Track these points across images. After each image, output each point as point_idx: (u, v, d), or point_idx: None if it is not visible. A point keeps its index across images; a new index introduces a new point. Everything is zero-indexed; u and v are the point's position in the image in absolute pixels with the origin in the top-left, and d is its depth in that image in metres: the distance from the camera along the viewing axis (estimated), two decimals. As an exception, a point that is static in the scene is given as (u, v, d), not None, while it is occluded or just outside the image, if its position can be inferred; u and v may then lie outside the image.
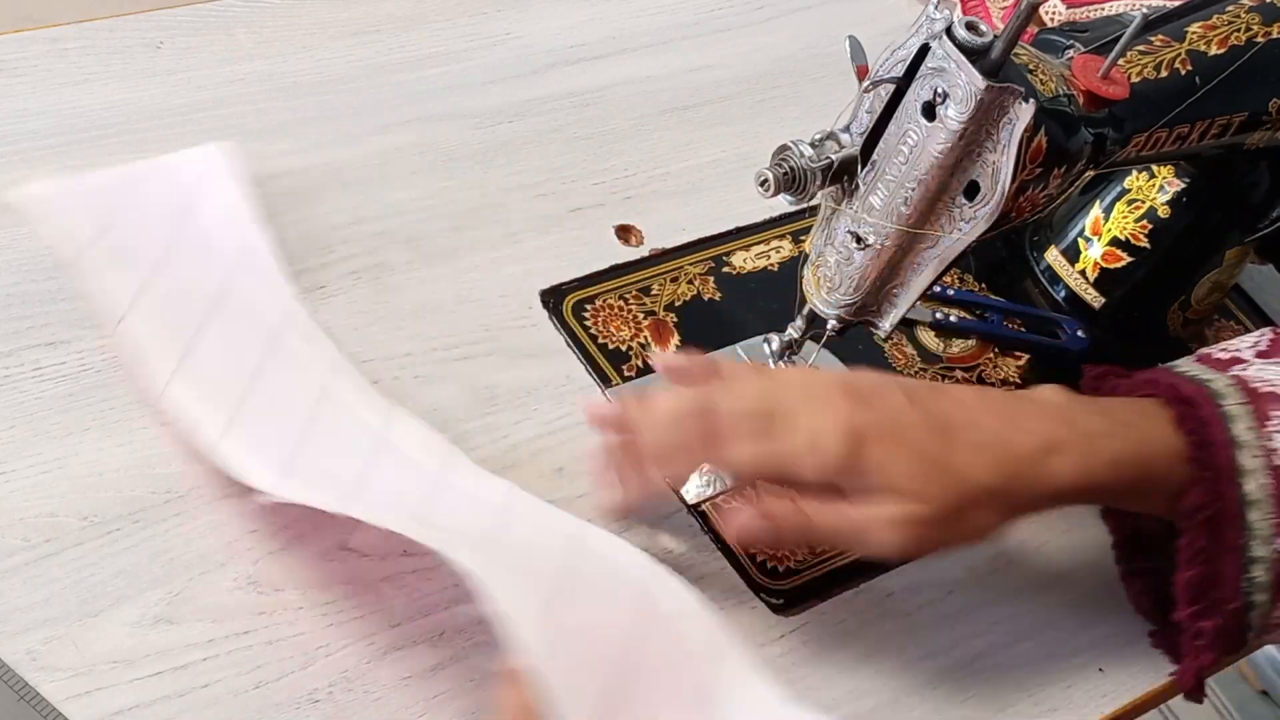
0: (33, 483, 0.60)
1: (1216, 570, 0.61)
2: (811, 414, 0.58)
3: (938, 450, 0.58)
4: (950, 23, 0.56)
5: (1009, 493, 0.59)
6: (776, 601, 0.65)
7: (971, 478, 0.58)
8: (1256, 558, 0.60)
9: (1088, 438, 0.60)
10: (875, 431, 0.58)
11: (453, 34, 0.88)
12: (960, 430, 0.59)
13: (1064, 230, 0.82)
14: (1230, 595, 0.61)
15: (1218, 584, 0.61)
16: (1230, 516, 0.61)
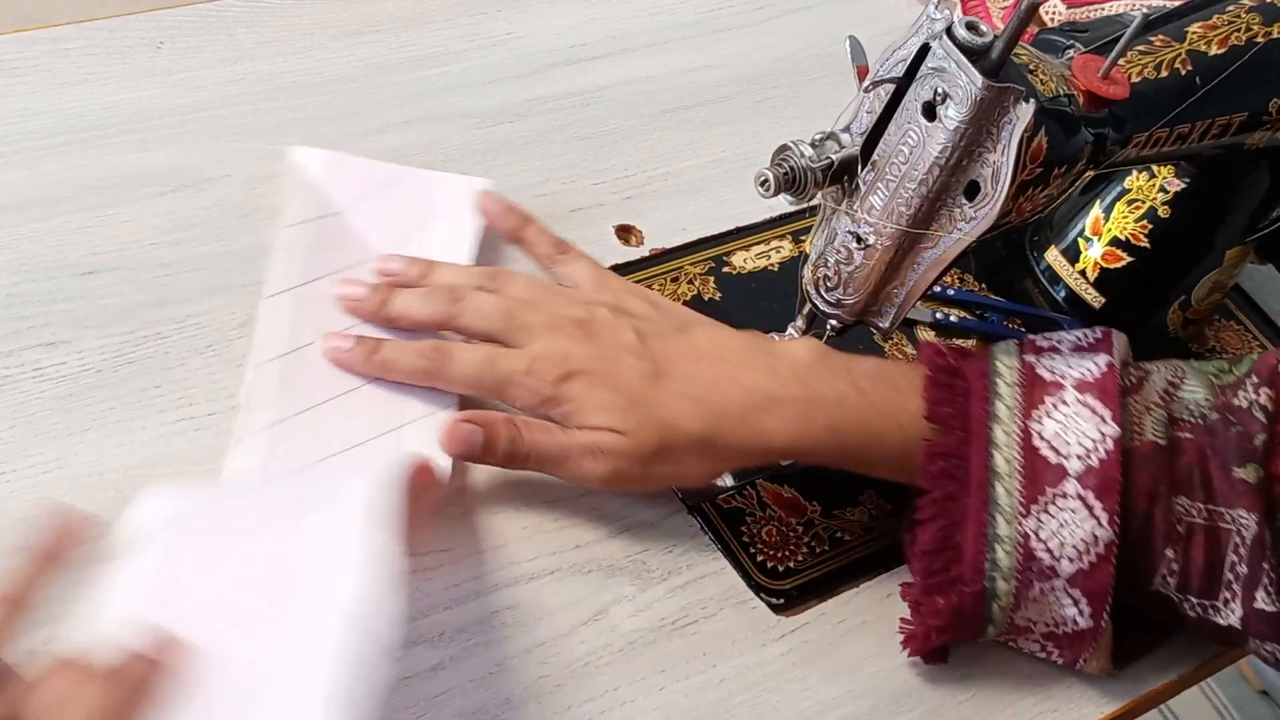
0: (33, 483, 0.61)
1: (954, 539, 0.61)
2: (540, 339, 0.63)
3: (644, 392, 0.62)
4: (950, 23, 0.56)
5: (711, 442, 0.62)
6: (776, 601, 0.65)
7: (674, 423, 0.61)
8: (1000, 536, 0.60)
9: (812, 402, 0.62)
10: (587, 366, 0.62)
11: (453, 34, 0.88)
12: (675, 378, 0.63)
13: (1064, 230, 0.82)
14: (970, 575, 0.60)
15: (956, 558, 0.61)
16: (975, 484, 0.60)
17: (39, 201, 0.71)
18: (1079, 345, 0.66)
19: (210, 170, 0.75)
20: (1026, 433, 0.61)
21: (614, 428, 0.61)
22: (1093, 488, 0.59)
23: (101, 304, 0.68)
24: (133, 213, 0.72)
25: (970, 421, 0.61)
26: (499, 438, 0.62)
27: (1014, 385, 0.62)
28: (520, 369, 0.62)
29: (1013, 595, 0.60)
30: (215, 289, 0.70)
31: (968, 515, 0.60)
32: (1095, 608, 0.60)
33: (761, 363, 0.64)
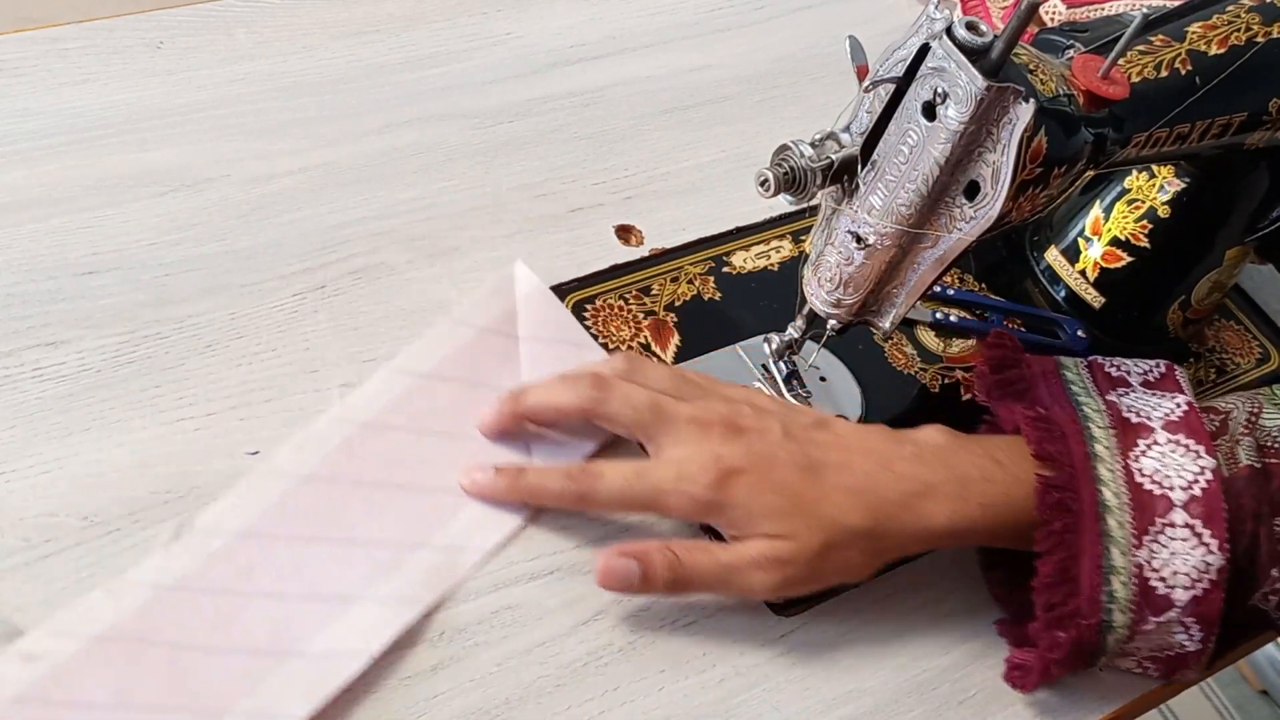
0: (33, 483, 0.60)
1: (1072, 571, 0.61)
2: (686, 440, 0.61)
3: (806, 489, 0.60)
4: (950, 23, 0.56)
5: (877, 535, 0.61)
6: (776, 601, 0.65)
7: (839, 519, 0.60)
8: (1115, 567, 0.60)
9: (962, 482, 0.62)
10: (743, 465, 0.60)
11: (453, 34, 0.88)
12: (832, 470, 0.61)
13: (1064, 230, 0.82)
14: (1088, 608, 0.61)
15: (1074, 592, 0.61)
16: (1088, 518, 0.61)
17: (39, 201, 0.71)
18: (1147, 380, 0.67)
19: (210, 170, 0.75)
20: (1128, 470, 0.61)
21: (780, 533, 0.60)
22: (1200, 516, 0.60)
23: (101, 304, 0.68)
24: (133, 213, 0.72)
25: (1074, 459, 0.62)
26: (656, 568, 0.60)
27: (1106, 428, 0.63)
28: (670, 477, 0.60)
29: (1128, 628, 0.61)
30: (215, 289, 0.70)
31: (1084, 548, 0.61)
32: (1206, 631, 0.61)
33: (907, 451, 0.63)
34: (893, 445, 0.63)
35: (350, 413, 0.65)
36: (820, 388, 0.73)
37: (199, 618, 0.56)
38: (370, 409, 0.65)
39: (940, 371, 0.77)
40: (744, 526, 0.60)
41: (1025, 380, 0.67)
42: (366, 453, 0.64)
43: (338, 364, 0.68)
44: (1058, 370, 0.67)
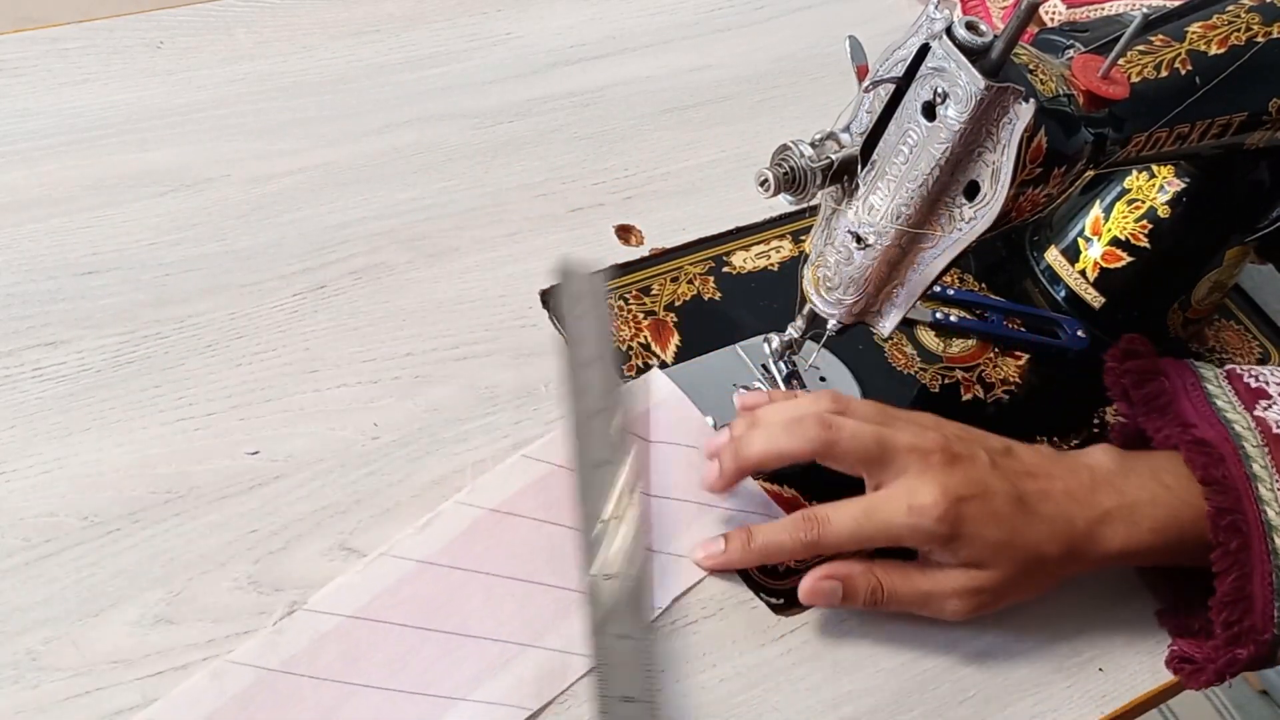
0: (33, 483, 0.61)
1: (1247, 589, 0.62)
2: (909, 472, 0.62)
3: (1017, 519, 0.62)
4: (950, 23, 0.56)
5: (1065, 563, 0.63)
6: (776, 601, 0.65)
7: (1039, 549, 0.62)
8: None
9: (1133, 507, 0.64)
10: (968, 494, 0.61)
11: (453, 34, 0.88)
12: (1035, 500, 0.63)
13: (1064, 230, 0.82)
14: (1263, 624, 0.62)
15: (1249, 610, 0.62)
16: (1256, 536, 0.62)
17: (39, 201, 0.71)
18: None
19: (210, 170, 0.75)
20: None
21: (986, 564, 0.62)
22: None
23: (101, 304, 0.68)
24: (133, 213, 0.72)
25: (1236, 481, 0.63)
26: (859, 589, 0.62)
27: (1260, 447, 0.64)
28: (900, 511, 0.61)
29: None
30: (215, 289, 0.70)
31: (1255, 566, 0.62)
32: None
33: (1084, 476, 0.64)
34: (1069, 470, 0.65)
35: (478, 498, 0.63)
36: (820, 388, 0.73)
37: (300, 706, 0.55)
38: (499, 494, 0.64)
39: (940, 371, 0.77)
40: (964, 556, 0.62)
41: (1168, 394, 0.68)
42: (491, 541, 0.62)
43: (338, 364, 0.68)
44: (1200, 383, 0.68)
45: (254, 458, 0.63)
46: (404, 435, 0.66)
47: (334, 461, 0.64)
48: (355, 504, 0.63)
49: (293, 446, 0.64)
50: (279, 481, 0.63)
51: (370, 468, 0.64)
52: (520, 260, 0.76)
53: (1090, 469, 0.65)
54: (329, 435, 0.65)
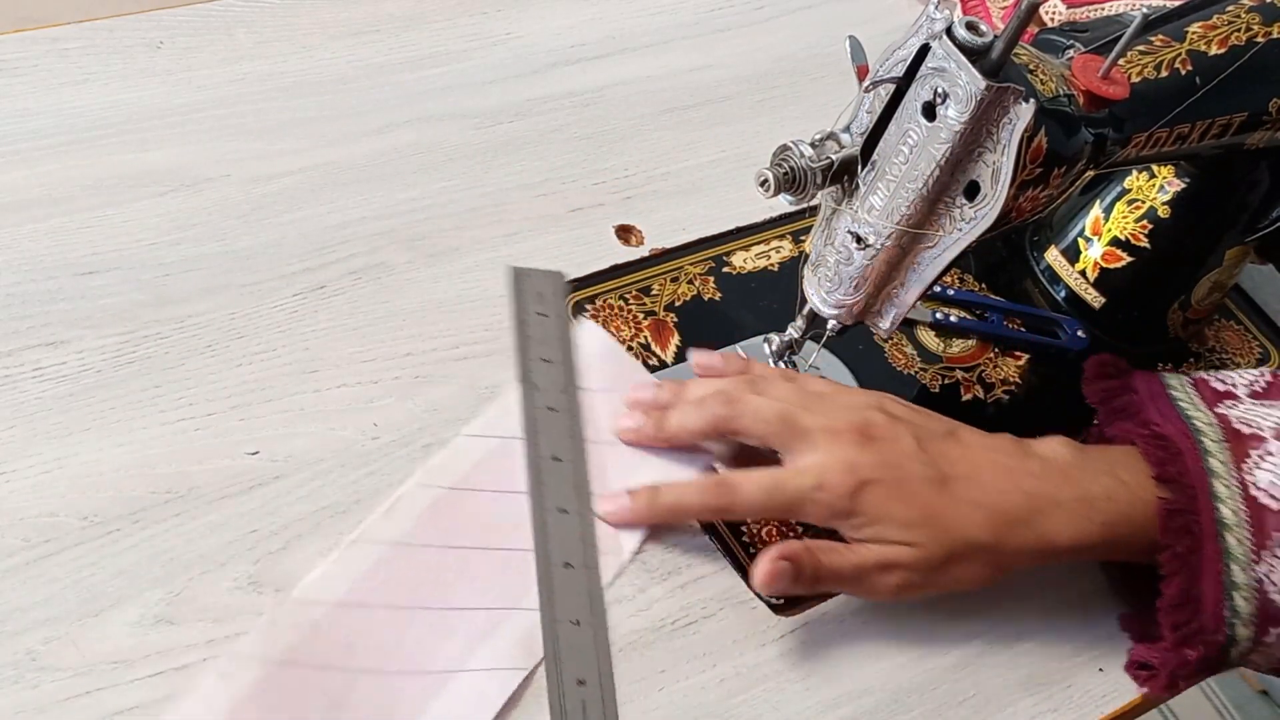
0: (33, 483, 0.61)
1: (1195, 589, 0.62)
2: (820, 448, 0.62)
3: (934, 501, 0.61)
4: (950, 23, 0.56)
5: (998, 549, 0.62)
6: (776, 601, 0.65)
7: (962, 532, 0.61)
8: (1237, 583, 0.61)
9: (1085, 501, 0.63)
10: (876, 475, 0.61)
11: (453, 34, 0.88)
12: (960, 484, 0.62)
13: (1064, 230, 0.82)
14: (1214, 625, 0.62)
15: (1199, 611, 0.62)
16: (1208, 535, 0.62)
17: (39, 201, 0.71)
18: (1254, 390, 0.67)
19: (210, 170, 0.75)
20: (1244, 484, 0.62)
21: (907, 541, 0.61)
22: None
23: (101, 304, 0.68)
24: (133, 213, 0.72)
25: (1192, 477, 0.63)
26: (804, 567, 0.62)
27: (1219, 442, 0.64)
28: (810, 486, 0.61)
29: (1251, 640, 0.62)
30: (215, 289, 0.70)
31: (1205, 567, 0.62)
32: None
33: (1035, 466, 0.64)
34: (1019, 460, 0.64)
35: (434, 477, 0.64)
36: (820, 388, 0.73)
37: (308, 701, 0.56)
38: (455, 473, 0.64)
39: (940, 371, 0.77)
40: (867, 534, 0.61)
41: (1135, 405, 0.67)
42: (455, 514, 0.63)
43: (338, 364, 0.68)
44: (1165, 391, 0.68)
45: (254, 458, 0.64)
46: (404, 435, 0.66)
47: (334, 461, 0.64)
48: (355, 504, 0.63)
49: (293, 446, 0.64)
50: (279, 481, 0.63)
51: (370, 468, 0.64)
52: (520, 260, 0.75)
53: (1043, 459, 0.64)
54: (329, 435, 0.65)
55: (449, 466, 0.65)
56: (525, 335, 0.70)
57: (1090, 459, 0.65)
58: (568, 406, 0.67)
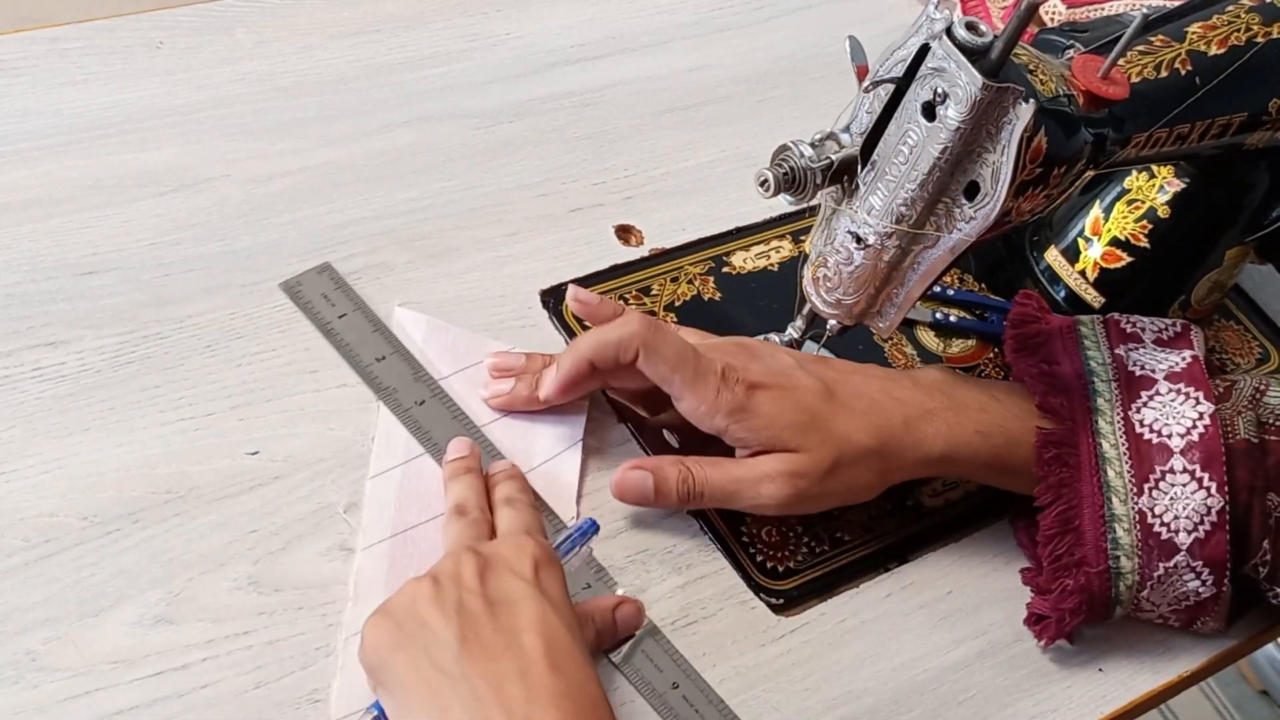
0: (33, 483, 0.61)
1: (1074, 523, 0.63)
2: (714, 375, 0.63)
3: (820, 408, 0.63)
4: (950, 23, 0.56)
5: (883, 454, 0.64)
6: (776, 601, 0.65)
7: (849, 437, 0.63)
8: (1117, 515, 0.63)
9: (958, 408, 0.65)
10: (766, 380, 0.63)
11: (453, 34, 0.88)
12: (842, 395, 0.64)
13: (1064, 230, 0.82)
14: (1093, 556, 0.63)
15: (1079, 540, 0.63)
16: (1086, 469, 0.63)
17: (39, 201, 0.71)
18: (1160, 338, 0.69)
19: (210, 170, 0.75)
20: (1128, 422, 0.64)
21: (795, 447, 0.62)
22: (1199, 460, 0.62)
23: (101, 304, 0.68)
24: (133, 213, 0.72)
25: (1075, 413, 0.65)
26: (669, 480, 0.63)
27: (1109, 381, 0.66)
28: (718, 370, 0.63)
29: (1138, 573, 0.63)
30: (215, 289, 0.70)
31: (1083, 499, 0.63)
32: (1217, 574, 0.63)
33: (907, 381, 0.67)
34: (893, 375, 0.67)
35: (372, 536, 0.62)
36: (820, 388, 0.73)
37: None
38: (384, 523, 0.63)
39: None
40: (763, 437, 0.62)
41: (1043, 335, 0.69)
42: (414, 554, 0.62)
43: (338, 364, 0.68)
44: (1075, 326, 0.69)
45: (254, 458, 0.64)
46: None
47: (334, 461, 0.64)
48: (354, 505, 0.63)
49: (293, 446, 0.64)
50: (279, 481, 0.63)
51: (369, 470, 0.64)
52: (520, 260, 0.76)
53: (914, 377, 0.67)
54: (329, 435, 0.65)
55: (378, 520, 0.63)
56: (344, 344, 0.68)
57: (964, 378, 0.68)
58: (432, 392, 0.67)
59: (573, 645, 0.53)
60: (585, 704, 0.51)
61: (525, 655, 0.52)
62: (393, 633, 0.53)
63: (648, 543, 0.65)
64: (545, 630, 0.53)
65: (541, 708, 0.50)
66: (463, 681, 0.51)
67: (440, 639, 0.52)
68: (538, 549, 0.57)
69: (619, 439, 0.69)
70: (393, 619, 0.53)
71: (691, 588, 0.64)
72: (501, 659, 0.51)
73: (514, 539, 0.58)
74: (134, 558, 0.59)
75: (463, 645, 0.52)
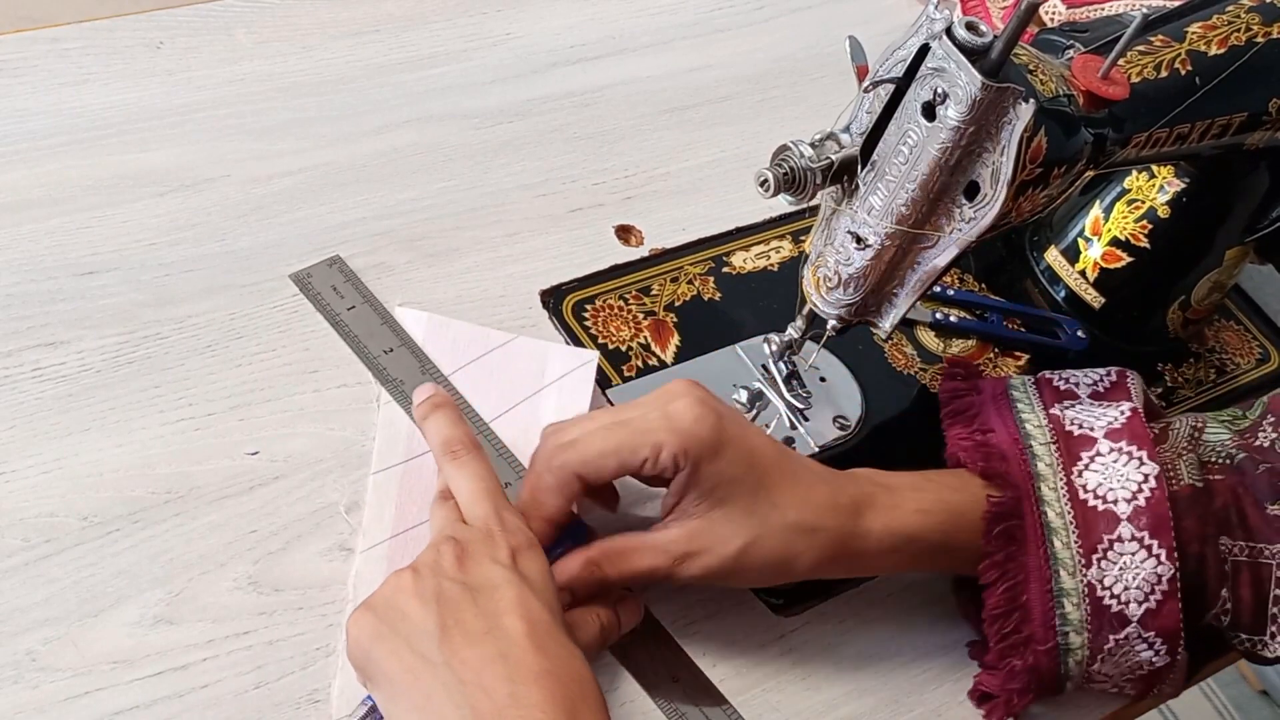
0: (33, 483, 0.60)
1: (1021, 598, 0.61)
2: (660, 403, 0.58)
3: (771, 467, 0.59)
4: (950, 23, 0.56)
5: (819, 530, 0.59)
6: (776, 601, 0.65)
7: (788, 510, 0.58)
8: (1065, 589, 0.60)
9: (893, 491, 0.61)
10: (731, 418, 0.59)
11: (453, 34, 0.88)
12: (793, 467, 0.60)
13: (1064, 230, 0.82)
14: (1041, 633, 0.60)
15: (1026, 617, 0.61)
16: (1032, 541, 0.61)
17: (39, 201, 0.71)
18: (1096, 391, 0.66)
19: (210, 170, 0.75)
20: (1071, 486, 0.61)
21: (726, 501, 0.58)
22: (1147, 527, 0.60)
23: (101, 304, 0.68)
24: (133, 213, 0.72)
25: (1017, 479, 0.62)
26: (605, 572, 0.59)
27: (1047, 444, 0.63)
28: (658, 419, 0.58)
29: (1087, 648, 0.60)
30: (215, 289, 0.70)
31: (1030, 573, 0.61)
32: (1170, 644, 0.61)
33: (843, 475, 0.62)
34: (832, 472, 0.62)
35: (372, 538, 0.62)
36: (820, 388, 0.73)
37: None
38: (384, 523, 0.63)
39: (940, 372, 0.77)
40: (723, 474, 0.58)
41: (975, 405, 0.67)
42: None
43: (338, 364, 0.68)
44: (1007, 392, 0.66)
45: (254, 458, 0.64)
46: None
47: (334, 461, 0.64)
48: (355, 504, 0.63)
49: (293, 446, 0.64)
50: (279, 481, 0.63)
51: (370, 468, 0.64)
52: (520, 260, 0.76)
53: (850, 472, 0.62)
54: (329, 435, 0.65)
55: (378, 520, 0.63)
56: (352, 335, 0.69)
57: (896, 472, 0.63)
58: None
59: (554, 626, 0.53)
60: (570, 681, 0.51)
61: (506, 637, 0.51)
62: (374, 625, 0.53)
63: (648, 543, 0.65)
64: (526, 613, 0.52)
65: (525, 687, 0.50)
66: (444, 667, 0.51)
67: (420, 627, 0.52)
68: (516, 534, 0.57)
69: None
70: (374, 612, 0.53)
71: (691, 587, 0.64)
72: (483, 642, 0.51)
73: (490, 524, 0.57)
74: (134, 558, 0.59)
75: (443, 632, 0.51)
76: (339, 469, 0.64)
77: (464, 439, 0.61)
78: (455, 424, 0.62)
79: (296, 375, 0.67)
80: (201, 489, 0.62)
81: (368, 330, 0.69)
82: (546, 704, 0.50)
